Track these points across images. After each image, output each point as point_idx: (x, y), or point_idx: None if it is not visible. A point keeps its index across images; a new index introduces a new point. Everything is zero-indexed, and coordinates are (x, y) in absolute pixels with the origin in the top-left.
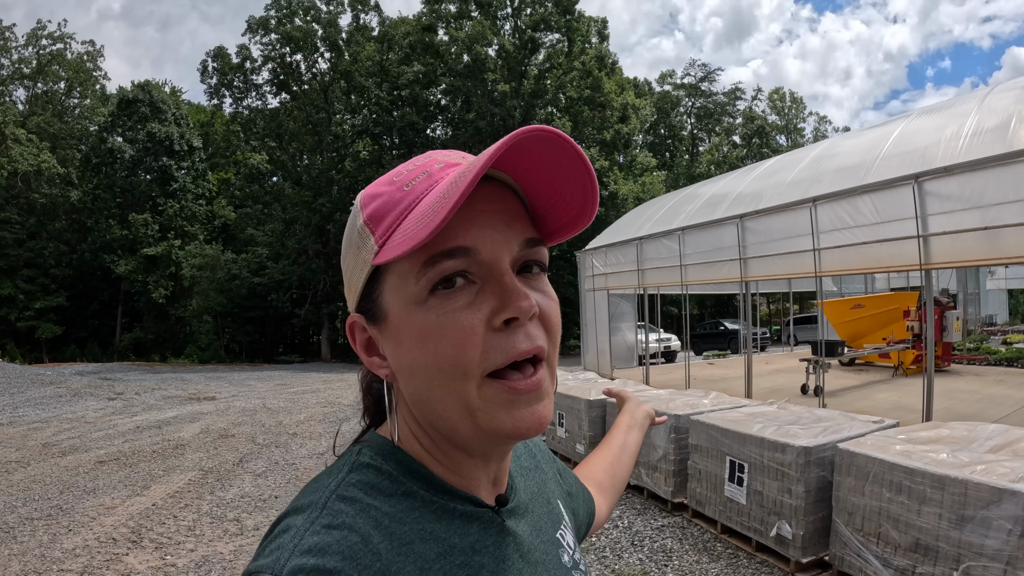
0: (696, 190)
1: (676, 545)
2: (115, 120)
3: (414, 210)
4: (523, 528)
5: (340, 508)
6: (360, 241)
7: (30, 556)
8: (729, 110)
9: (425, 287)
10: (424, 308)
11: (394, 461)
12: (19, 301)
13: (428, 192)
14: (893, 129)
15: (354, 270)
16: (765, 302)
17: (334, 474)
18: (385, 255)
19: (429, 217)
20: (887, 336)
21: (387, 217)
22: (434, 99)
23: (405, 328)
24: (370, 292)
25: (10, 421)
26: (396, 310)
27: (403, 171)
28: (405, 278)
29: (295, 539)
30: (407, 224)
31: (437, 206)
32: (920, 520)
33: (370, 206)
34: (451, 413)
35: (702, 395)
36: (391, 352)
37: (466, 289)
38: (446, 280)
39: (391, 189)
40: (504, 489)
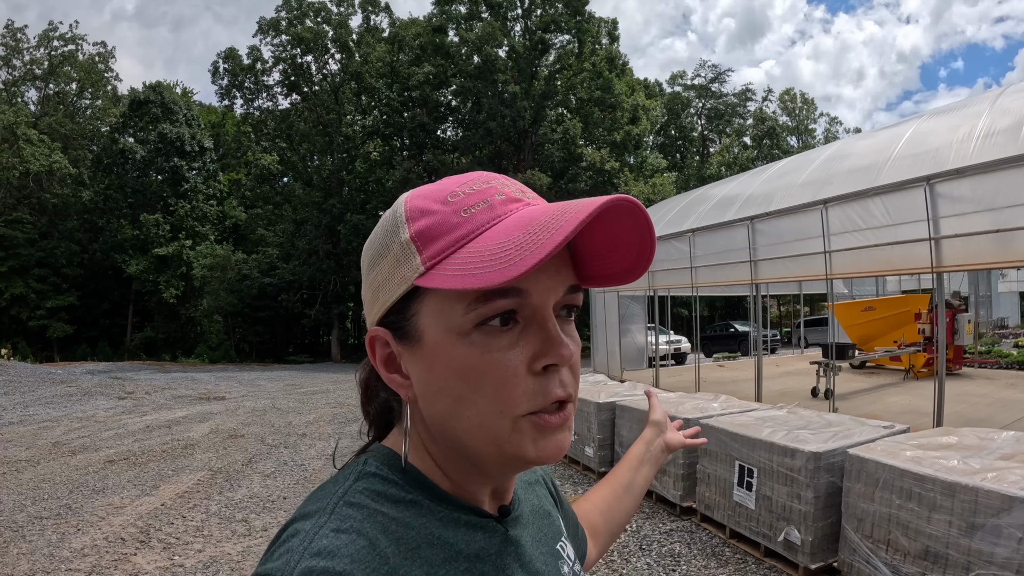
0: (707, 192)
1: (684, 550)
2: (126, 121)
3: (473, 242)
4: (525, 538)
5: (348, 513)
6: (402, 255)
7: (38, 555)
8: (740, 111)
9: (473, 320)
10: (468, 341)
11: (400, 472)
12: (31, 300)
13: (490, 226)
14: (904, 130)
15: (387, 282)
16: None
17: (341, 482)
18: (438, 282)
19: (503, 262)
20: (898, 339)
21: (439, 240)
22: (444, 100)
23: (443, 356)
24: (402, 309)
25: (20, 420)
26: (435, 336)
27: (459, 192)
28: (451, 306)
29: (304, 542)
30: (467, 256)
31: (514, 254)
32: (930, 527)
33: (419, 221)
34: (477, 442)
35: (712, 398)
36: (419, 374)
37: (511, 329)
38: (493, 317)
39: (446, 210)
40: (508, 501)
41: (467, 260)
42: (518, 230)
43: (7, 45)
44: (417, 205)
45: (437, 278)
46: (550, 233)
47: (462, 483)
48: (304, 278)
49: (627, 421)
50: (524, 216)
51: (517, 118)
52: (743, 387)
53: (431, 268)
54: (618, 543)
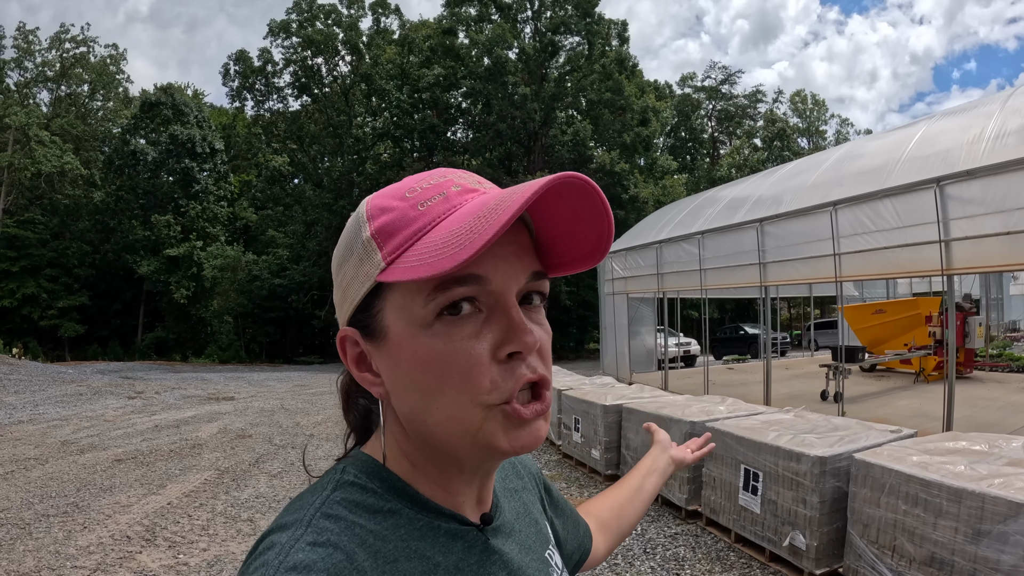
0: (716, 193)
1: (689, 554)
2: (138, 122)
3: (430, 232)
4: (509, 547)
5: (325, 526)
6: (364, 254)
7: (44, 552)
8: (750, 112)
9: (433, 311)
10: (430, 332)
11: (379, 479)
12: (42, 300)
13: (445, 216)
14: (915, 132)
15: (352, 282)
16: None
17: (318, 492)
18: (396, 275)
19: (454, 247)
20: (908, 342)
21: (398, 235)
22: (455, 102)
23: (408, 350)
24: (368, 307)
25: (30, 418)
26: (399, 330)
27: (416, 188)
28: (411, 299)
29: (280, 556)
30: (423, 247)
31: (464, 238)
32: (936, 534)
33: (378, 219)
34: (449, 434)
35: (718, 401)
36: (388, 370)
37: (472, 317)
38: (453, 306)
39: (403, 205)
40: (488, 508)
41: (423, 251)
42: (470, 216)
43: (19, 47)
44: (377, 203)
45: (395, 271)
46: (497, 214)
47: (442, 486)
48: (314, 279)
49: (634, 424)
50: (476, 203)
51: (527, 120)
52: (752, 390)
53: (391, 263)
54: (623, 546)
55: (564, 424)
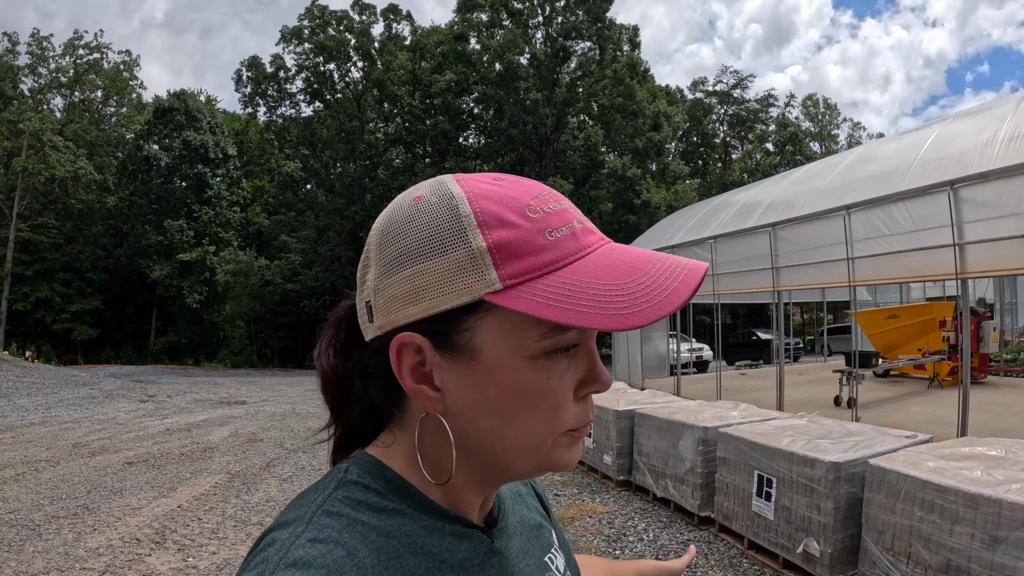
0: (728, 198)
1: (701, 560)
2: (151, 128)
3: (562, 272)
4: (512, 550)
5: (326, 523)
6: (469, 262)
7: (54, 554)
8: (762, 117)
9: (546, 348)
10: (534, 366)
11: (383, 480)
12: (55, 304)
13: (578, 258)
14: (928, 134)
15: (438, 286)
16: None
17: (320, 490)
18: (525, 307)
19: (618, 308)
20: (922, 347)
21: (523, 259)
22: (466, 107)
23: (504, 377)
24: (454, 320)
25: (42, 421)
26: (498, 356)
27: (536, 208)
28: (524, 330)
29: (280, 552)
30: (560, 286)
31: (628, 301)
32: (952, 540)
33: (497, 231)
34: (515, 457)
35: (731, 407)
36: (463, 390)
37: (567, 356)
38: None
39: (529, 227)
40: (490, 510)
41: (564, 291)
42: (623, 275)
43: (33, 53)
44: (491, 210)
45: (525, 302)
46: (666, 292)
47: (457, 495)
48: (326, 284)
49: (646, 429)
50: (618, 259)
51: (539, 125)
52: (765, 395)
53: (511, 287)
54: (634, 552)
55: None
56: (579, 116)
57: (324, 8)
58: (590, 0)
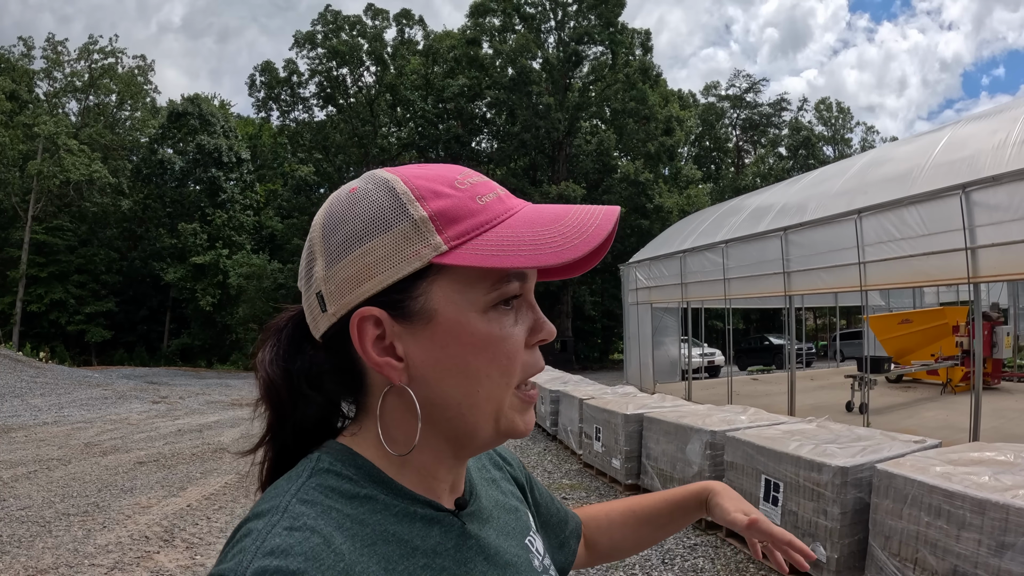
0: (740, 202)
1: (708, 565)
2: (165, 132)
3: (497, 228)
4: (487, 532)
5: (301, 511)
6: (413, 232)
7: (63, 550)
8: (775, 121)
9: (494, 300)
10: (486, 319)
11: (354, 467)
12: (70, 305)
13: (508, 216)
14: (940, 137)
15: (387, 259)
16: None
17: (293, 480)
18: (471, 260)
19: (554, 247)
20: (935, 352)
21: (462, 221)
22: (479, 112)
23: (461, 333)
24: (406, 288)
25: (55, 420)
26: (452, 314)
27: (463, 180)
28: (472, 286)
29: (257, 542)
30: (498, 240)
31: (560, 241)
32: (959, 546)
33: (434, 201)
34: (479, 417)
35: (740, 411)
36: (424, 353)
37: (512, 309)
38: (507, 298)
39: (460, 195)
40: (461, 494)
41: (503, 243)
42: (549, 223)
43: (48, 58)
44: (424, 185)
45: (471, 256)
46: (590, 228)
47: (427, 474)
48: None
49: (654, 433)
50: (543, 213)
51: (551, 129)
52: (776, 400)
53: (455, 247)
54: (640, 556)
55: (585, 433)
56: (591, 120)
57: (337, 13)
58: (602, 5)
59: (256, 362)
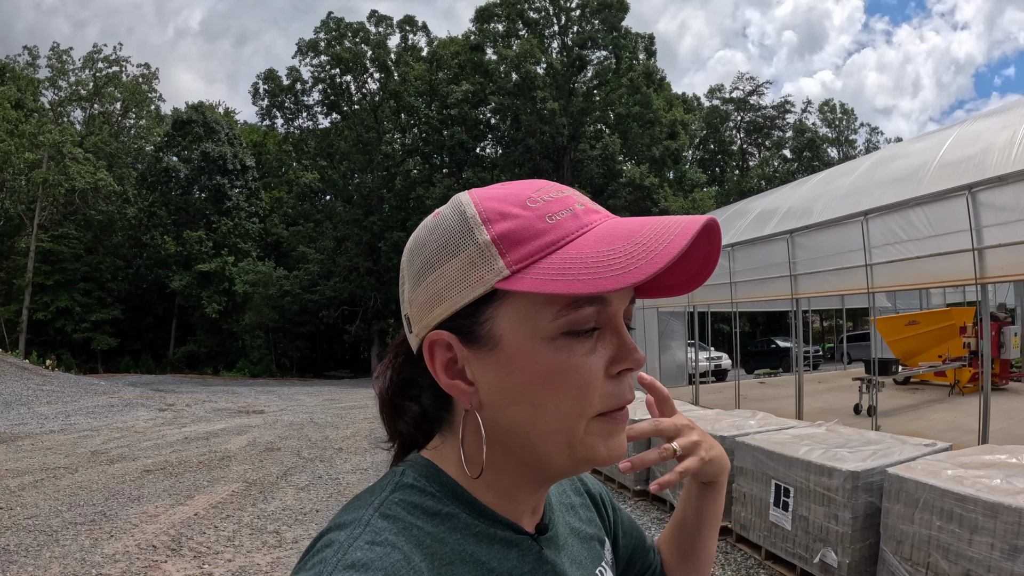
0: (746, 205)
1: (718, 571)
2: (170, 140)
3: (565, 249)
4: (561, 559)
5: (383, 525)
6: (479, 257)
7: (71, 559)
8: (779, 123)
9: (562, 327)
10: (553, 346)
11: (438, 483)
12: (76, 313)
13: (579, 234)
14: (946, 137)
15: (455, 284)
16: (818, 319)
17: (377, 492)
18: (531, 286)
19: (615, 269)
20: (943, 353)
21: (526, 244)
22: (483, 118)
23: (525, 361)
24: (474, 313)
25: (61, 428)
26: (517, 340)
27: (536, 198)
28: (538, 311)
29: (338, 554)
30: (563, 262)
31: (624, 262)
32: (971, 550)
33: (499, 224)
34: (550, 446)
35: (749, 415)
36: (492, 379)
37: (591, 335)
38: (580, 324)
39: (528, 215)
40: (541, 517)
41: (565, 266)
42: (620, 240)
43: (53, 67)
44: (493, 207)
45: (529, 282)
46: (662, 245)
47: (508, 496)
48: (344, 294)
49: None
50: (618, 228)
51: (556, 135)
52: (784, 404)
53: (518, 272)
54: None
55: None
56: (596, 125)
57: (340, 20)
58: (605, 10)
59: (373, 377)
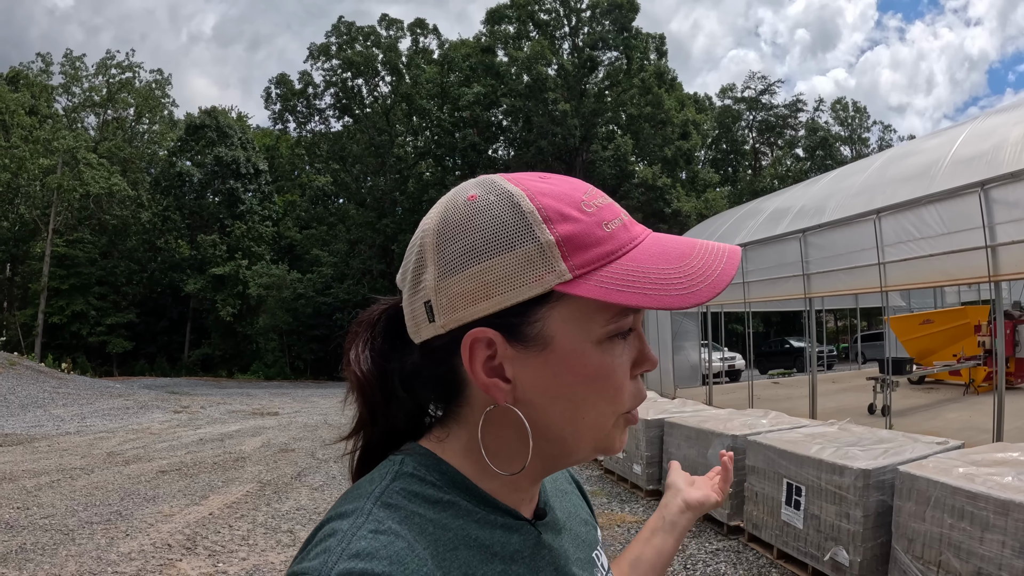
0: (758, 205)
1: (730, 570)
2: (183, 145)
3: (621, 260)
4: (559, 544)
5: (385, 514)
6: (538, 256)
7: (86, 558)
8: (791, 122)
9: (611, 332)
10: (600, 349)
11: (437, 472)
12: (91, 317)
13: (632, 247)
14: (959, 133)
15: (508, 280)
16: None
17: (376, 481)
18: (596, 293)
19: (679, 289)
20: (957, 352)
21: (589, 250)
22: (495, 120)
23: (575, 362)
24: (525, 312)
25: (77, 430)
26: (568, 342)
27: (589, 203)
28: (591, 316)
29: (343, 543)
30: (623, 273)
31: (686, 283)
32: (982, 548)
33: (562, 225)
34: (582, 441)
35: (761, 415)
36: (535, 378)
37: (625, 338)
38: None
39: (587, 220)
40: (536, 504)
41: (629, 278)
42: (676, 260)
43: (66, 73)
44: (551, 206)
45: (594, 289)
46: (715, 271)
47: (511, 485)
48: (358, 297)
49: (675, 438)
50: (667, 246)
51: (568, 136)
52: (798, 404)
53: (580, 277)
54: None
55: None
56: (608, 126)
57: (351, 24)
58: (616, 10)
59: (349, 357)
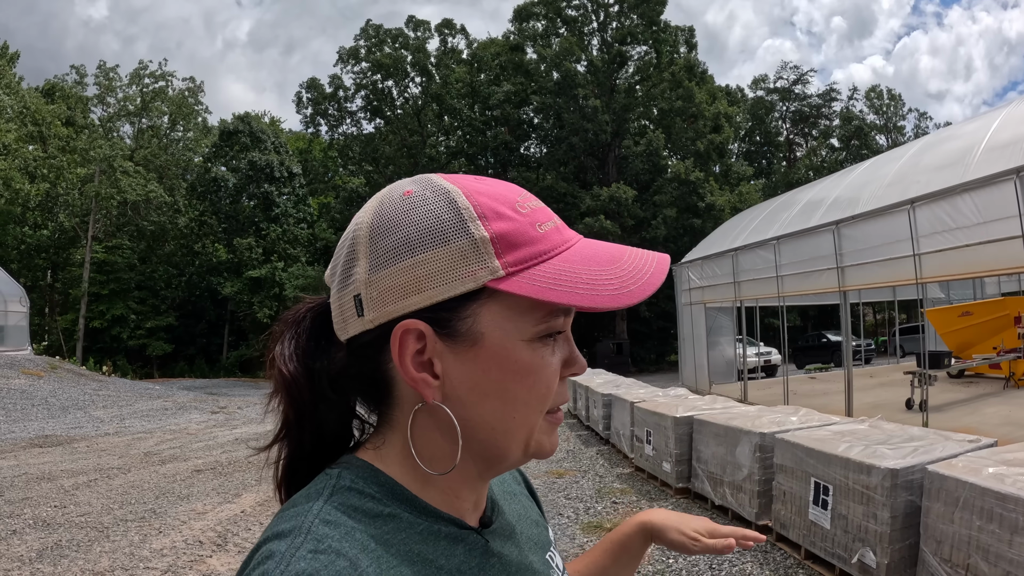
0: (792, 197)
1: (756, 570)
2: (218, 150)
3: (553, 261)
4: (509, 549)
5: (325, 532)
6: (472, 251)
7: (119, 554)
8: (825, 112)
9: (542, 331)
10: (530, 348)
11: (376, 484)
12: (131, 321)
13: (565, 248)
14: (993, 119)
15: (440, 275)
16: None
17: (313, 498)
18: (528, 291)
19: (610, 290)
20: (997, 345)
21: (522, 248)
22: (526, 117)
23: (505, 359)
24: (456, 307)
25: (116, 431)
26: (499, 340)
27: (524, 204)
28: (523, 315)
29: (280, 565)
30: (555, 273)
31: (617, 284)
32: (1011, 551)
33: (496, 223)
34: (511, 440)
35: (791, 412)
36: (465, 375)
37: (555, 339)
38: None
39: (521, 219)
40: (483, 511)
41: (560, 277)
42: (607, 264)
43: (100, 84)
44: (487, 204)
45: (526, 286)
46: (645, 276)
47: (452, 492)
48: None
49: (704, 436)
50: (599, 251)
51: (599, 132)
52: (834, 400)
53: (512, 275)
54: (687, 562)
55: (636, 437)
56: (639, 121)
57: (379, 27)
58: (644, 4)
59: (274, 355)
